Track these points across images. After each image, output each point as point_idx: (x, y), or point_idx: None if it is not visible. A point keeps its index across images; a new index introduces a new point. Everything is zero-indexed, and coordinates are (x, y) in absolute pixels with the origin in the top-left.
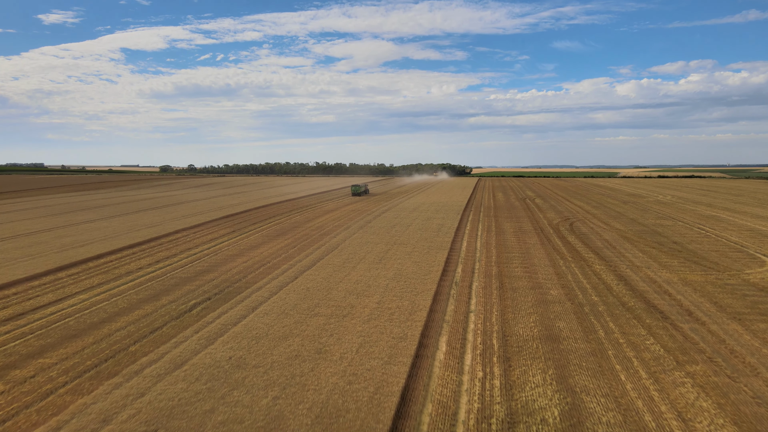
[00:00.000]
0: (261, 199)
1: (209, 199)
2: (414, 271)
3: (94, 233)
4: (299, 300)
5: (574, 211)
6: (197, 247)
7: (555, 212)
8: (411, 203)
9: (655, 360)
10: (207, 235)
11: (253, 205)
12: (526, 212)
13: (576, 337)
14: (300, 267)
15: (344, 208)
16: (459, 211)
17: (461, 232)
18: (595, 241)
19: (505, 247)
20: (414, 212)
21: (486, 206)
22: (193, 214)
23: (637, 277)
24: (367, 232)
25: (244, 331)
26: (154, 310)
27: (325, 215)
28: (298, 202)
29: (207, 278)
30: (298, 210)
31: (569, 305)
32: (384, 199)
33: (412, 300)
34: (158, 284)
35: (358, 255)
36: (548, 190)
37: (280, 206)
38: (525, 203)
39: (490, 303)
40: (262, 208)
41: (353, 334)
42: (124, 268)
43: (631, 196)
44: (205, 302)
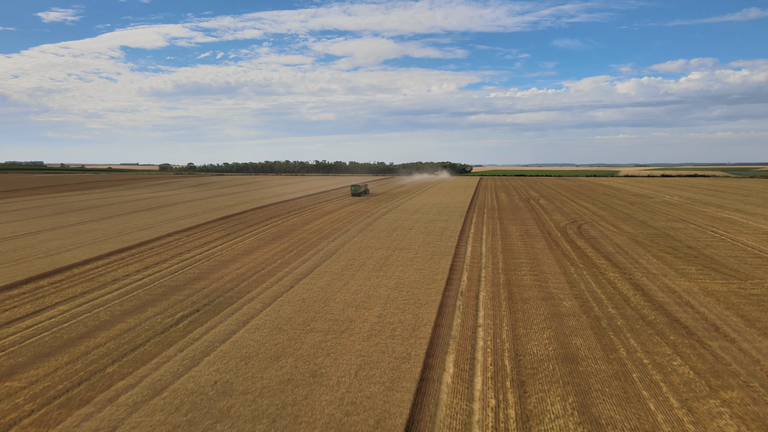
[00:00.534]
0: (258, 199)
1: (206, 200)
2: (417, 279)
3: (83, 236)
4: (294, 313)
5: (580, 212)
6: (189, 251)
7: (561, 214)
8: (412, 204)
9: (686, 385)
10: (200, 239)
11: (250, 206)
12: (531, 214)
13: (596, 357)
14: (296, 275)
15: (344, 210)
16: (462, 213)
17: (465, 235)
18: (606, 245)
19: (512, 252)
20: (416, 214)
21: (489, 207)
22: (187, 216)
23: (655, 287)
24: (367, 236)
25: (233, 349)
26: (138, 323)
27: (324, 217)
28: (296, 202)
29: (197, 287)
30: (296, 211)
31: (585, 319)
32: (384, 200)
33: (416, 313)
34: (145, 294)
35: (358, 261)
36: (552, 190)
37: (278, 207)
38: (529, 204)
39: (500, 316)
40: (259, 210)
41: (352, 353)
42: (110, 275)
43: (638, 197)
44: (193, 314)
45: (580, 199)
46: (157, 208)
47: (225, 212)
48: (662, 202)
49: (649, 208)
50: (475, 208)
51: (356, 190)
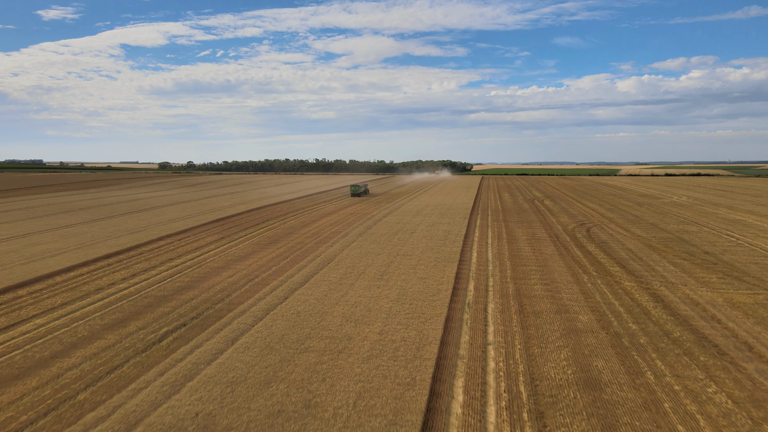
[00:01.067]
0: (256, 200)
1: (202, 201)
2: (420, 289)
3: (71, 240)
4: (288, 329)
5: (587, 214)
6: (180, 257)
7: (568, 216)
8: (414, 205)
9: (725, 417)
10: (193, 243)
11: (247, 207)
12: (537, 216)
13: (620, 383)
14: (291, 284)
15: (343, 211)
16: (465, 215)
17: (470, 239)
18: (618, 250)
19: (520, 258)
20: (417, 216)
21: (493, 209)
22: (181, 218)
23: (676, 298)
24: (367, 240)
25: (219, 373)
26: (118, 340)
27: (322, 219)
28: (294, 203)
29: (185, 297)
30: (293, 213)
31: (604, 336)
32: (385, 201)
33: (420, 329)
34: (129, 305)
35: (357, 269)
36: (556, 190)
37: (275, 208)
38: (534, 205)
39: (511, 332)
40: (255, 211)
41: (350, 378)
42: (94, 283)
43: (644, 197)
44: (178, 330)
45: (586, 200)
46: (151, 210)
47: (220, 214)
48: (670, 203)
49: (658, 210)
50: (479, 210)
51: (356, 191)
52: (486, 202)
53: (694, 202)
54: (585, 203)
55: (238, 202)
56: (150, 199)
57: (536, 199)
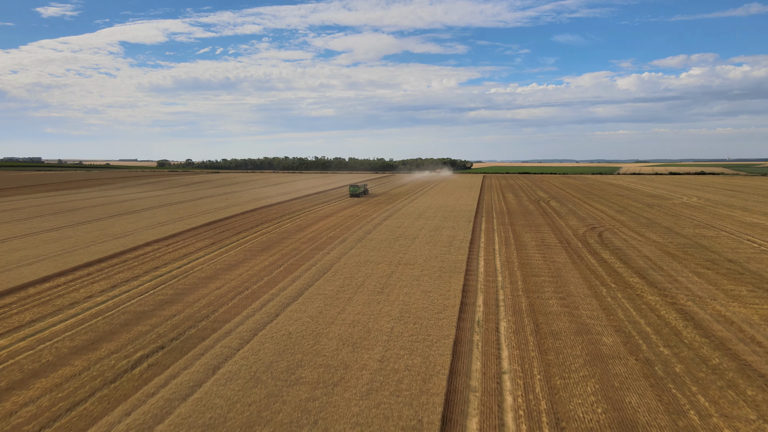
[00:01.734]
0: (251, 201)
1: (195, 201)
2: (425, 305)
3: (52, 246)
4: (277, 354)
5: (597, 216)
6: (166, 265)
7: (576, 218)
8: (415, 207)
9: None
10: (181, 249)
11: (242, 208)
12: (544, 218)
13: (661, 426)
14: (283, 298)
15: (341, 213)
16: (470, 218)
17: (476, 245)
18: (635, 258)
19: (531, 267)
20: (419, 219)
21: (498, 210)
22: (172, 221)
23: (707, 316)
24: (367, 247)
25: (195, 413)
26: (86, 367)
27: (320, 222)
28: (291, 204)
29: (167, 313)
30: (289, 215)
31: (634, 363)
32: (385, 202)
33: (426, 355)
34: (104, 323)
35: (356, 280)
36: (560, 190)
37: (271, 210)
38: (540, 206)
39: (528, 358)
40: (250, 213)
41: (346, 420)
42: (69, 296)
43: (653, 198)
44: (155, 354)
45: (593, 201)
46: (142, 211)
47: (213, 216)
48: (681, 204)
49: (670, 212)
50: (483, 212)
51: (355, 191)
52: (490, 204)
53: (706, 203)
54: (592, 204)
55: (233, 204)
56: (142, 200)
57: (541, 200)
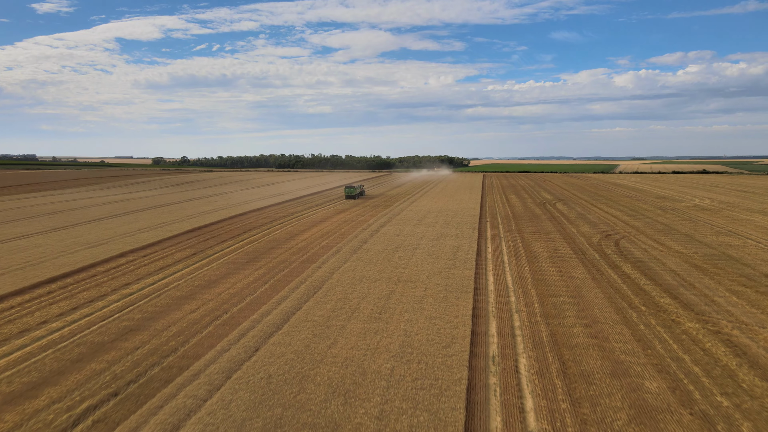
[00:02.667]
0: (241, 204)
1: (183, 204)
2: (429, 336)
3: (16, 257)
4: (252, 408)
5: (609, 221)
6: (139, 281)
7: (588, 224)
8: (414, 211)
9: None
10: (159, 261)
11: (230, 212)
12: (553, 224)
13: None
14: (266, 325)
15: (336, 218)
16: (474, 224)
17: (483, 257)
18: (661, 273)
19: (546, 284)
20: (420, 225)
21: (503, 215)
22: (153, 227)
23: (761, 349)
24: (363, 260)
25: None
26: (16, 425)
27: (312, 229)
28: (283, 207)
29: (129, 345)
30: (280, 220)
31: (689, 420)
32: (382, 204)
33: (434, 409)
34: (52, 359)
35: (350, 302)
36: (565, 191)
37: (261, 214)
38: (546, 210)
39: (558, 411)
40: (239, 218)
41: None
42: (21, 322)
43: (664, 200)
44: (105, 404)
45: (602, 203)
46: (124, 215)
47: (199, 221)
48: (695, 207)
49: (686, 216)
50: (488, 216)
51: (351, 193)
52: (493, 207)
53: (720, 206)
54: (601, 207)
55: (222, 206)
56: (127, 202)
57: (547, 202)
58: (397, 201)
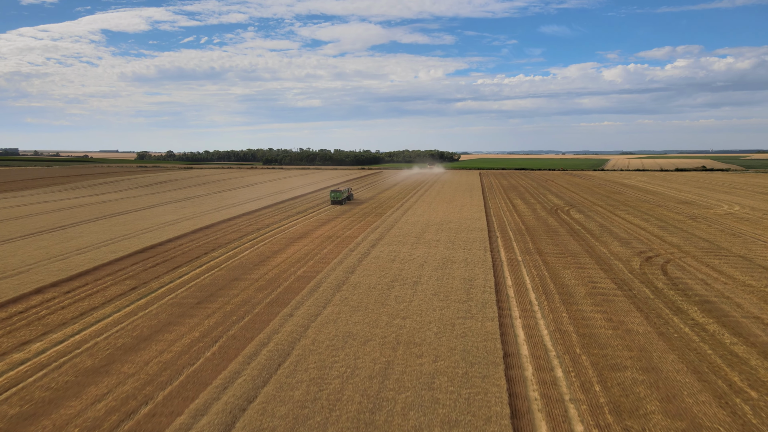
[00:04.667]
0: (212, 211)
1: (144, 212)
2: None
3: None
4: None
5: (639, 236)
6: (43, 337)
7: (617, 240)
8: (411, 223)
9: None
10: (84, 300)
11: (196, 223)
12: (576, 240)
13: None
14: None
15: (318, 232)
16: (483, 241)
17: (503, 294)
18: (745, 323)
19: (598, 343)
20: (419, 244)
21: (514, 227)
22: (95, 245)
23: None
24: (349, 303)
25: None
26: None
27: (288, 249)
28: (259, 217)
29: None
30: (253, 235)
31: None
32: (372, 212)
33: None
34: None
35: (329, 386)
36: (573, 194)
37: (232, 227)
38: (561, 219)
39: None
40: (205, 231)
41: None
42: None
43: (686, 205)
44: None
45: (621, 211)
46: (69, 228)
47: (155, 237)
48: (727, 215)
49: (725, 229)
50: (497, 230)
51: (337, 197)
52: (500, 216)
53: (755, 214)
54: (623, 216)
55: (190, 215)
56: (82, 209)
57: (558, 209)
58: (389, 208)
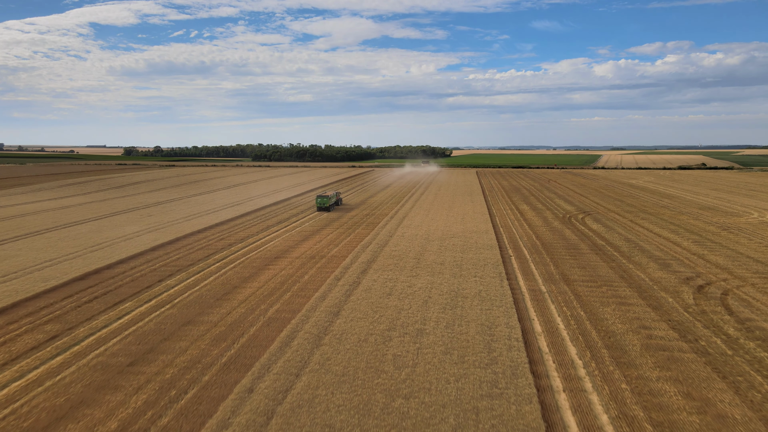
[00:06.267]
0: (181, 221)
1: (102, 221)
2: None
3: None
4: None
5: (677, 255)
6: None
7: (653, 261)
8: (408, 237)
9: None
10: None
11: (157, 239)
12: (604, 261)
13: None
14: None
15: (299, 250)
16: (496, 264)
17: (535, 350)
18: None
19: None
20: (419, 270)
21: (528, 242)
22: (27, 270)
23: None
24: (329, 371)
25: None
26: None
27: (260, 275)
28: (233, 228)
29: None
30: (220, 254)
31: None
32: (363, 221)
33: None
34: None
35: None
36: (582, 197)
37: (198, 241)
38: (579, 232)
39: None
40: (164, 249)
41: None
42: None
43: (713, 213)
44: None
45: (641, 219)
46: (5, 245)
47: (104, 257)
48: (761, 224)
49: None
50: (509, 247)
51: (323, 203)
52: (508, 226)
53: None
54: (646, 226)
55: (152, 227)
56: (30, 217)
57: (571, 216)
58: (382, 216)
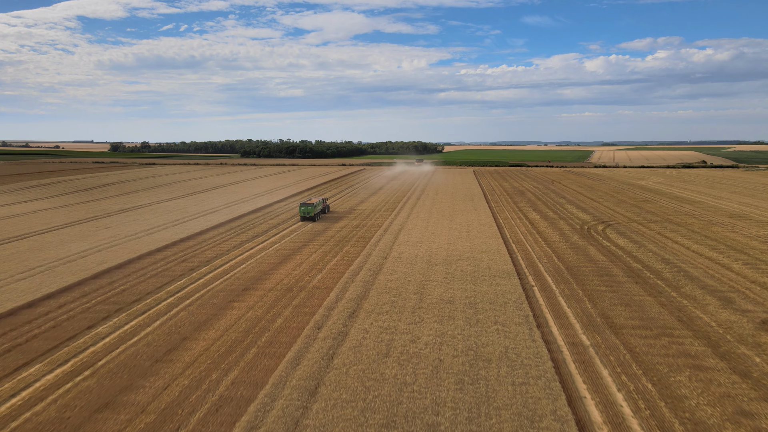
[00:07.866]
0: (141, 235)
1: (48, 235)
2: None
3: None
4: None
5: (733, 283)
6: None
7: (706, 291)
8: (405, 261)
9: None
10: None
11: (104, 261)
12: (650, 294)
13: None
14: None
15: (273, 278)
16: (520, 303)
17: None
18: None
19: None
20: (422, 312)
21: (549, 265)
22: None
23: None
24: None
25: None
26: None
27: (219, 319)
28: (201, 245)
29: None
30: (176, 284)
31: None
32: (353, 236)
33: None
34: None
35: None
36: (594, 202)
37: (154, 265)
38: (603, 248)
39: None
40: (108, 275)
41: None
42: None
43: (749, 222)
44: None
45: (672, 233)
46: None
47: (29, 290)
48: None
49: None
50: (528, 273)
51: (308, 212)
52: (520, 241)
53: None
54: (679, 241)
55: (104, 244)
56: None
57: (589, 227)
58: (375, 228)
